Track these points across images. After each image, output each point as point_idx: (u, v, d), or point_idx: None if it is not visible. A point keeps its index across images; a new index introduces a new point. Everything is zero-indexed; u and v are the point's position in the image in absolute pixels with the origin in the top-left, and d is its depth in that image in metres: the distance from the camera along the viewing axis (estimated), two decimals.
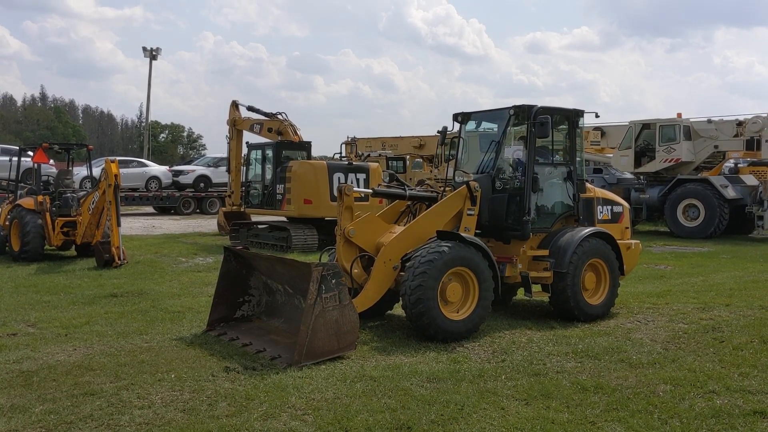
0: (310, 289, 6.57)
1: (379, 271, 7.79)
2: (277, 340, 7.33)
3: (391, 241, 7.93)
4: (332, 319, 6.69)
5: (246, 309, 8.16)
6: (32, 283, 11.43)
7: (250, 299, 8.19)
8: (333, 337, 6.70)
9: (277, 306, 7.96)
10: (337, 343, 6.73)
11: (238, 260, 8.14)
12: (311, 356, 6.54)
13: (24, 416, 5.22)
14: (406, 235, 8.03)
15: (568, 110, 9.11)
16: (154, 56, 50.07)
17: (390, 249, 7.87)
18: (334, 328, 6.71)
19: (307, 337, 6.51)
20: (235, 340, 7.42)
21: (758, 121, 20.44)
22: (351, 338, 6.86)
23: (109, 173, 13.31)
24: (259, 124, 18.83)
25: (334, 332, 6.71)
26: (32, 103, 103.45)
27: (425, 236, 8.01)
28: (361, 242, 8.01)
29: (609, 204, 9.42)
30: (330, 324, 6.68)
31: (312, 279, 6.57)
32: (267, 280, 8.03)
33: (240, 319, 8.08)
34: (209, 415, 5.25)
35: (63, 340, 7.56)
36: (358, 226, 8.02)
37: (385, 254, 7.83)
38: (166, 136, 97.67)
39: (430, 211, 8.26)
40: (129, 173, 26.84)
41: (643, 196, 21.37)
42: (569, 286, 8.32)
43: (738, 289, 10.92)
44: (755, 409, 5.37)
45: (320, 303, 6.59)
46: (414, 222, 8.27)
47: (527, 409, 5.41)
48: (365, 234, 8.06)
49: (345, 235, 7.93)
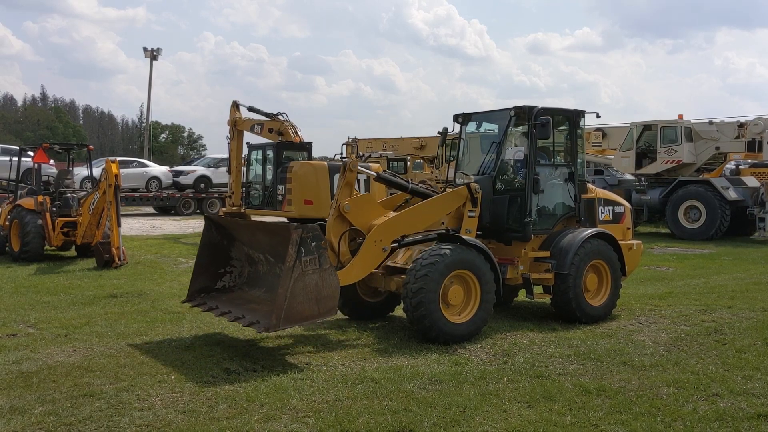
0: (289, 251, 6.30)
1: (367, 249, 7.64)
2: (257, 308, 7.12)
3: (384, 222, 7.82)
4: (312, 283, 6.44)
5: (227, 280, 7.92)
6: (32, 284, 11.40)
7: (231, 270, 7.96)
8: (312, 302, 6.45)
9: (259, 276, 7.71)
10: (317, 308, 6.48)
11: (219, 230, 7.91)
12: (289, 321, 6.32)
13: (23, 417, 5.19)
14: (399, 219, 7.96)
15: (569, 111, 9.08)
16: (155, 57, 50.11)
17: (382, 229, 7.74)
18: (314, 293, 6.45)
19: (285, 300, 6.27)
20: (214, 309, 7.24)
21: (760, 123, 20.42)
22: (331, 303, 6.60)
23: (109, 173, 13.29)
24: (260, 124, 18.78)
25: (314, 297, 6.45)
26: (33, 104, 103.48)
27: (418, 225, 8.01)
28: (354, 219, 7.81)
29: (610, 204, 9.39)
30: (309, 288, 6.42)
31: (291, 241, 6.32)
32: (249, 251, 7.76)
33: (221, 290, 7.88)
34: (210, 417, 5.22)
35: (63, 341, 7.54)
36: (353, 202, 7.85)
37: (376, 234, 7.70)
38: (166, 137, 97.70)
39: (428, 203, 8.21)
40: (129, 173, 26.80)
41: (644, 198, 21.34)
42: (571, 288, 8.29)
43: (740, 291, 10.89)
44: (759, 412, 5.34)
45: (299, 266, 6.34)
46: (410, 209, 8.18)
47: (529, 412, 5.38)
48: (359, 212, 7.86)
49: (339, 209, 7.74)
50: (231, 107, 19.49)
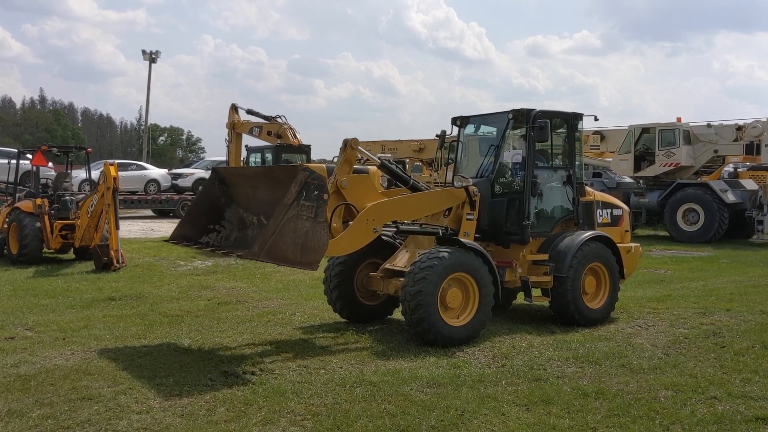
0: (291, 189, 6.18)
1: (359, 224, 7.50)
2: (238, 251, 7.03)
3: (378, 203, 7.73)
4: (302, 229, 6.30)
5: (213, 238, 7.78)
6: (30, 287, 11.40)
7: (220, 230, 7.82)
8: (298, 248, 6.30)
9: (247, 240, 7.52)
10: (300, 255, 6.32)
11: (222, 187, 7.75)
12: (271, 255, 6.17)
13: (21, 421, 5.19)
14: (393, 204, 7.93)
15: (567, 114, 9.10)
16: (154, 59, 50.07)
17: (375, 209, 7.64)
18: (302, 239, 6.31)
19: (273, 234, 6.14)
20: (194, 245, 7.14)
21: (758, 126, 20.46)
22: (315, 257, 6.42)
23: (107, 176, 13.30)
24: (259, 127, 18.78)
25: (301, 243, 6.31)
26: (31, 106, 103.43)
27: (411, 214, 8.09)
28: (349, 197, 7.66)
29: (609, 207, 9.40)
30: (299, 233, 6.28)
31: (296, 180, 6.20)
32: (244, 213, 7.60)
33: (204, 244, 7.75)
34: (208, 420, 5.21)
35: (61, 344, 7.53)
36: (352, 180, 7.72)
37: (370, 213, 7.58)
38: (165, 139, 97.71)
39: (423, 194, 8.22)
40: (128, 176, 26.78)
41: (643, 201, 21.37)
42: (569, 291, 8.29)
43: (738, 294, 10.90)
44: (757, 415, 5.34)
45: (296, 207, 6.22)
46: (405, 196, 8.18)
47: (528, 415, 5.38)
48: (357, 191, 7.71)
49: (337, 184, 7.57)
50: (230, 110, 19.48)
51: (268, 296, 10.63)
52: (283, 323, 8.68)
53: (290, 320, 8.88)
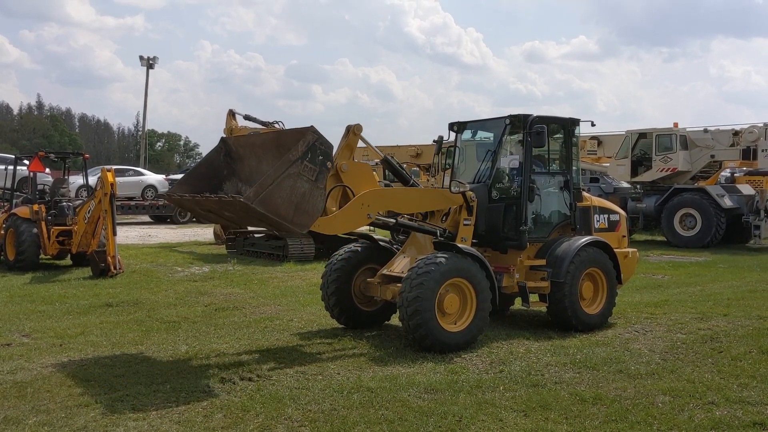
0: (298, 147, 6.24)
1: (353, 207, 7.48)
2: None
3: (376, 189, 7.77)
4: (300, 189, 6.37)
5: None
6: (27, 293, 11.37)
7: None
8: (291, 206, 6.36)
9: None
10: (292, 214, 6.38)
11: (226, 157, 7.75)
12: (264, 204, 6.19)
13: (17, 428, 5.17)
14: (389, 193, 8.00)
15: (564, 119, 9.12)
16: (151, 65, 50.14)
17: (372, 195, 7.64)
18: (297, 198, 6.38)
19: (271, 184, 6.17)
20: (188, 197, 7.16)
21: (755, 131, 20.49)
22: (306, 220, 6.51)
23: (105, 182, 13.27)
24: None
25: (296, 202, 6.37)
26: (29, 112, 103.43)
27: (405, 207, 8.11)
28: (348, 181, 7.65)
29: (606, 212, 9.41)
30: (296, 192, 6.35)
31: (303, 140, 6.26)
32: (242, 187, 7.50)
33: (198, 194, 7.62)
34: (205, 426, 5.20)
35: (58, 351, 7.51)
36: (352, 165, 7.76)
37: (365, 198, 7.57)
38: (162, 145, 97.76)
39: (420, 190, 8.28)
40: (125, 182, 26.79)
41: (640, 206, 21.38)
42: (567, 296, 8.29)
43: (736, 299, 10.90)
44: (755, 420, 5.34)
45: (298, 165, 6.28)
46: (402, 189, 8.24)
47: (526, 421, 5.38)
48: (354, 177, 7.69)
49: (337, 167, 7.51)
50: (227, 116, 19.49)
51: (265, 302, 10.62)
52: (280, 329, 8.67)
53: (287, 326, 8.87)
